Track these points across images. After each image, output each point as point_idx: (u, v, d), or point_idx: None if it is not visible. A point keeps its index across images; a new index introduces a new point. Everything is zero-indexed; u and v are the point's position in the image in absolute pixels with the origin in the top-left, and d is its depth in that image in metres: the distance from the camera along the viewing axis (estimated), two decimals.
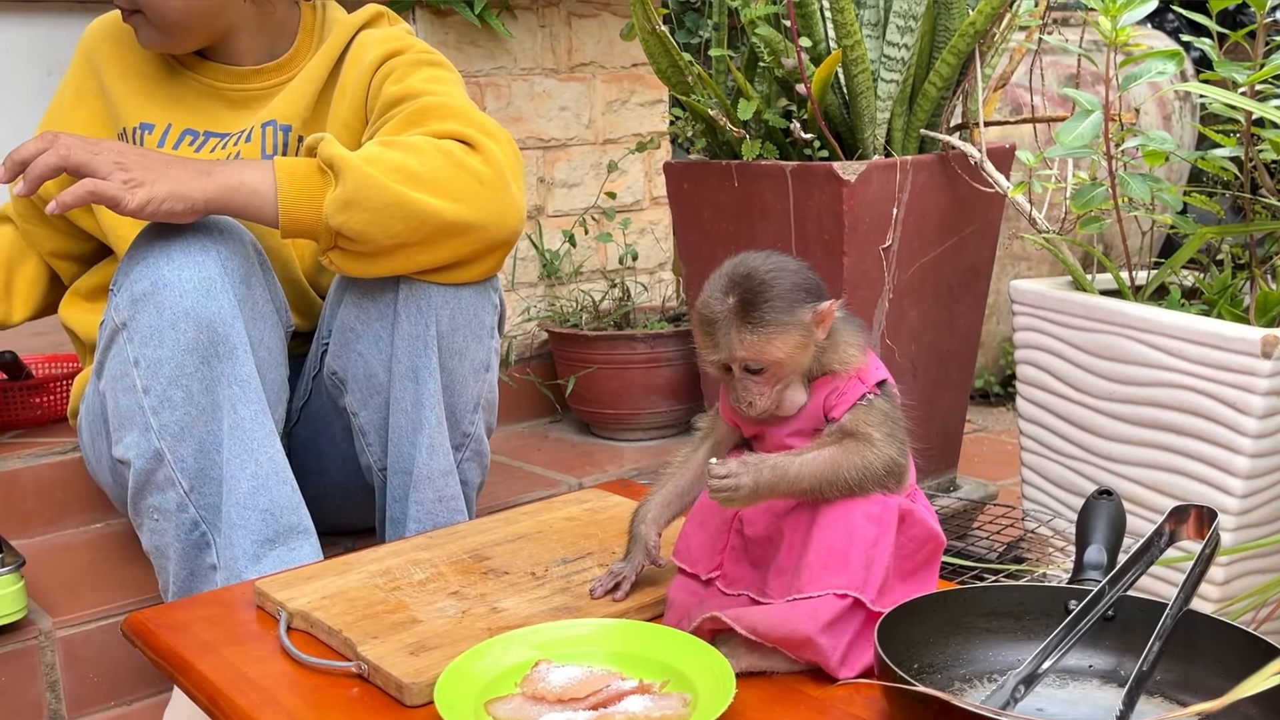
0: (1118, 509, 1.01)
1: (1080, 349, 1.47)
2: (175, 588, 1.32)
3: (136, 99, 1.50)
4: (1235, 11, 2.74)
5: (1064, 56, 2.46)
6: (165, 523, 1.29)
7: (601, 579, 1.12)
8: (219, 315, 1.25)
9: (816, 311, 0.95)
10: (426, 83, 1.41)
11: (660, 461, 2.02)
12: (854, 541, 0.93)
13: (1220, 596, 1.34)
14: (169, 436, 1.26)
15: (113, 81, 1.51)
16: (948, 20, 1.68)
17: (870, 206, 1.60)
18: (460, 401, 1.40)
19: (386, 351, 1.36)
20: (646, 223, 2.47)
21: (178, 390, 1.25)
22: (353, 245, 1.28)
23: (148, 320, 1.24)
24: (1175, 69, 1.38)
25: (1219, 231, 1.49)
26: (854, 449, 0.94)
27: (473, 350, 1.39)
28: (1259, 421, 1.27)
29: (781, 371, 0.96)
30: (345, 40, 1.50)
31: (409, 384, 1.35)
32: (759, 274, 0.95)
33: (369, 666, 0.98)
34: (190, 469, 1.27)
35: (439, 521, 1.38)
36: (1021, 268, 2.59)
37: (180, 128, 1.49)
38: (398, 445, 1.38)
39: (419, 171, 1.27)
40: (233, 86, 1.51)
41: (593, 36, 2.34)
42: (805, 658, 0.93)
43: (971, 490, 1.84)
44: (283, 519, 1.29)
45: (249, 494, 1.27)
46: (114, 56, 1.51)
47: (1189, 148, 2.66)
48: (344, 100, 1.47)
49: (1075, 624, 0.89)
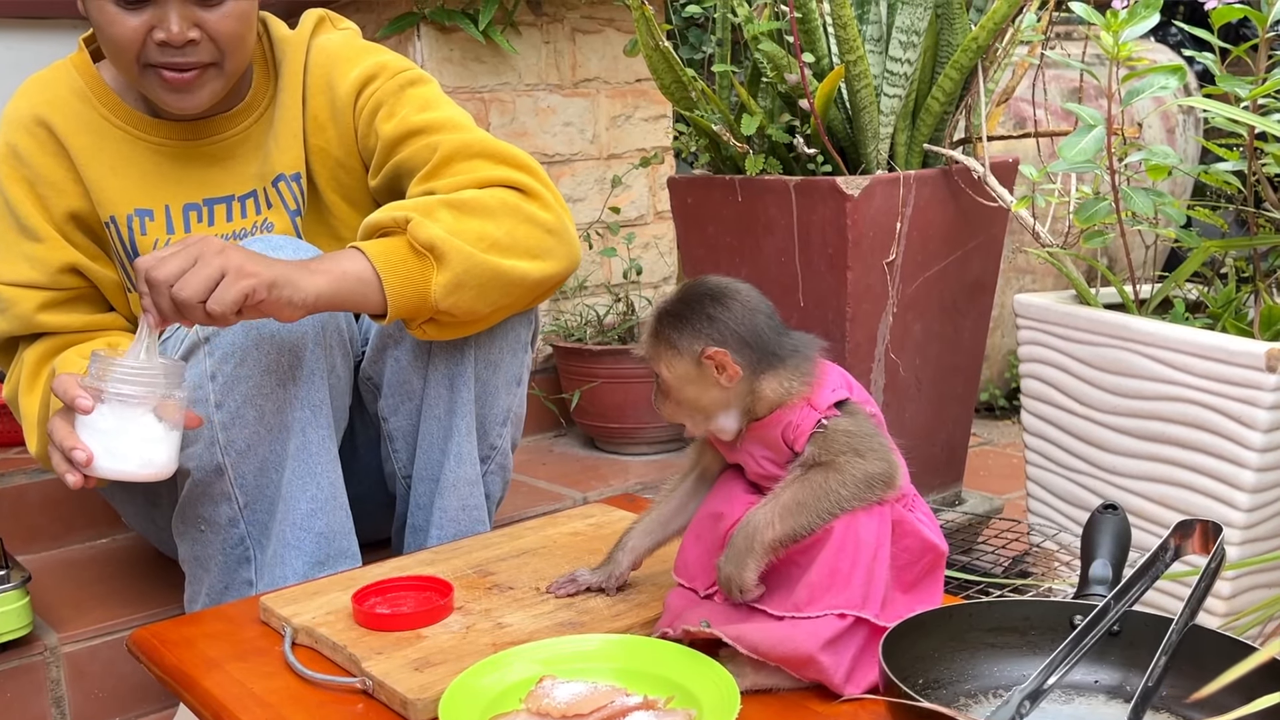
0: (1123, 523, 1.00)
1: (1085, 363, 1.47)
2: (207, 598, 1.32)
3: (117, 181, 1.37)
4: (1238, 26, 2.74)
5: (1068, 70, 2.47)
6: (212, 535, 1.30)
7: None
8: (302, 340, 1.26)
9: (706, 352, 0.95)
10: (422, 111, 1.39)
11: (665, 476, 2.02)
12: (853, 559, 0.93)
13: (1226, 611, 1.33)
14: (234, 453, 1.26)
15: (86, 164, 1.37)
16: (950, 35, 1.69)
17: (874, 221, 1.60)
18: (491, 413, 1.41)
19: (424, 359, 1.37)
20: (651, 237, 2.47)
21: (251, 409, 1.25)
22: (453, 319, 1.28)
23: (232, 337, 1.24)
24: (1178, 84, 1.39)
25: (1223, 245, 1.49)
26: (818, 481, 0.94)
27: (507, 363, 1.40)
28: (1264, 435, 1.27)
29: (679, 396, 0.98)
30: (303, 63, 1.42)
31: (444, 391, 1.36)
32: (697, 295, 0.97)
33: (374, 682, 0.98)
34: (249, 486, 1.28)
35: (461, 530, 1.39)
36: (1026, 281, 2.59)
37: (179, 206, 1.40)
38: (426, 452, 1.39)
39: (500, 238, 1.28)
40: (208, 141, 1.40)
41: (597, 52, 2.35)
42: (809, 676, 0.93)
43: (977, 504, 1.84)
44: (335, 543, 1.31)
45: (306, 516, 1.29)
46: (72, 134, 1.36)
47: (1193, 162, 2.66)
48: (324, 134, 1.42)
49: (1081, 639, 0.89)
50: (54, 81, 1.39)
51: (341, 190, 1.45)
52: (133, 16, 1.24)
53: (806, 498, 0.93)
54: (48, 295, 1.37)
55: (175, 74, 1.27)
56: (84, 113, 1.37)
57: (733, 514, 0.99)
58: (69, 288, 1.39)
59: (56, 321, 1.38)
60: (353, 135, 1.42)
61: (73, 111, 1.37)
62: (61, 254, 1.37)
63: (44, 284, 1.37)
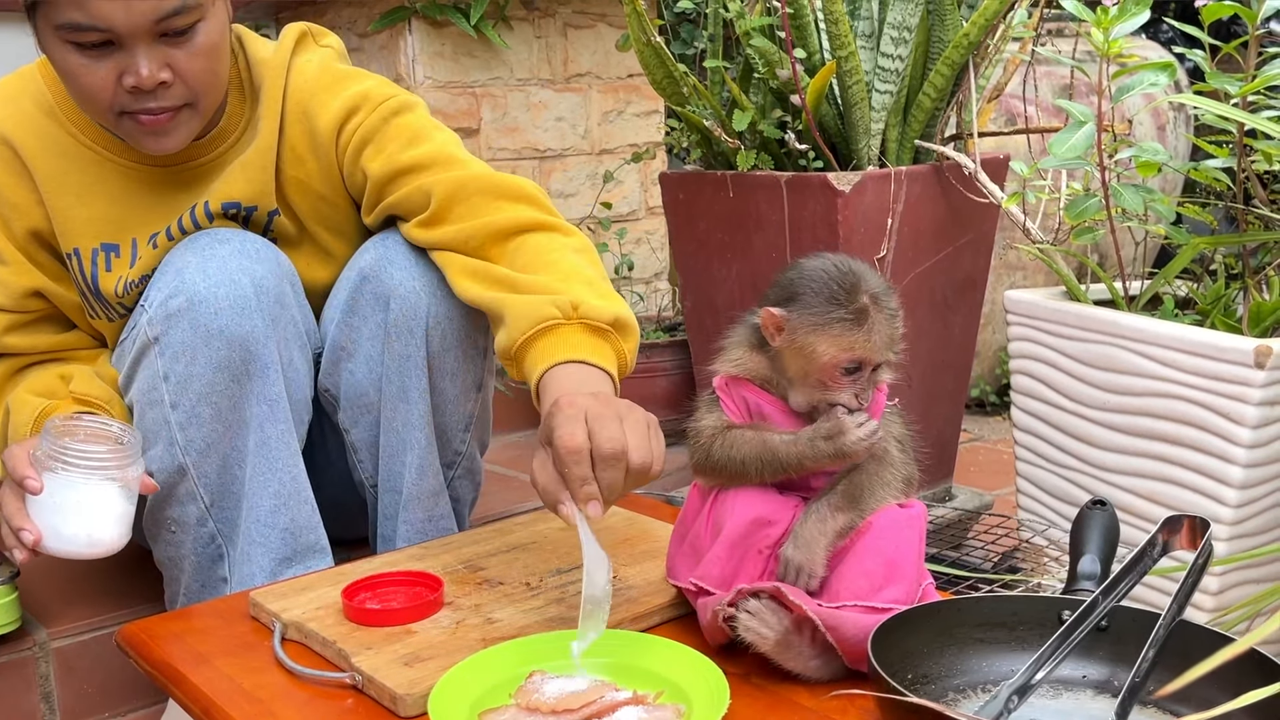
0: (1111, 519, 1.01)
1: (1075, 359, 1.48)
2: (185, 599, 1.32)
3: (83, 212, 1.32)
4: (1228, 23, 2.75)
5: (1059, 67, 2.47)
6: (183, 535, 1.30)
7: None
8: (252, 334, 1.24)
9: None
10: (410, 146, 1.34)
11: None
12: (904, 552, 0.96)
13: (1214, 606, 1.34)
14: (194, 452, 1.26)
15: (51, 191, 1.31)
16: (942, 32, 1.69)
17: (865, 217, 1.60)
18: (451, 421, 1.39)
19: (377, 371, 1.35)
20: (642, 233, 2.47)
21: (206, 407, 1.24)
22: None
23: (180, 336, 1.23)
24: (1168, 80, 1.39)
25: (1212, 242, 1.50)
26: (873, 471, 0.98)
27: (464, 371, 1.37)
28: (1252, 431, 1.27)
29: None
30: (282, 89, 1.35)
31: (399, 405, 1.34)
32: (874, 276, 0.99)
33: (363, 678, 0.98)
34: (213, 484, 1.27)
35: (429, 540, 1.38)
36: (1017, 277, 2.59)
37: (145, 238, 1.34)
38: (388, 465, 1.38)
39: (597, 279, 1.26)
40: (180, 167, 1.34)
41: (589, 47, 2.35)
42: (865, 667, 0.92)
43: (967, 500, 1.84)
44: (302, 538, 1.30)
45: (270, 512, 1.28)
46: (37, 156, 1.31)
47: (1184, 158, 2.67)
48: (303, 167, 1.36)
49: (1069, 634, 0.89)
50: (19, 95, 1.32)
51: (325, 223, 1.41)
52: (99, 65, 1.17)
53: (865, 485, 0.97)
54: (12, 318, 1.35)
55: (150, 117, 1.21)
56: (50, 131, 1.31)
57: (782, 519, 0.99)
58: (32, 310, 1.36)
59: (21, 344, 1.37)
60: (337, 172, 1.37)
61: (38, 129, 1.31)
62: (26, 278, 1.34)
63: (8, 307, 1.34)
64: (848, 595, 0.94)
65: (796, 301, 0.97)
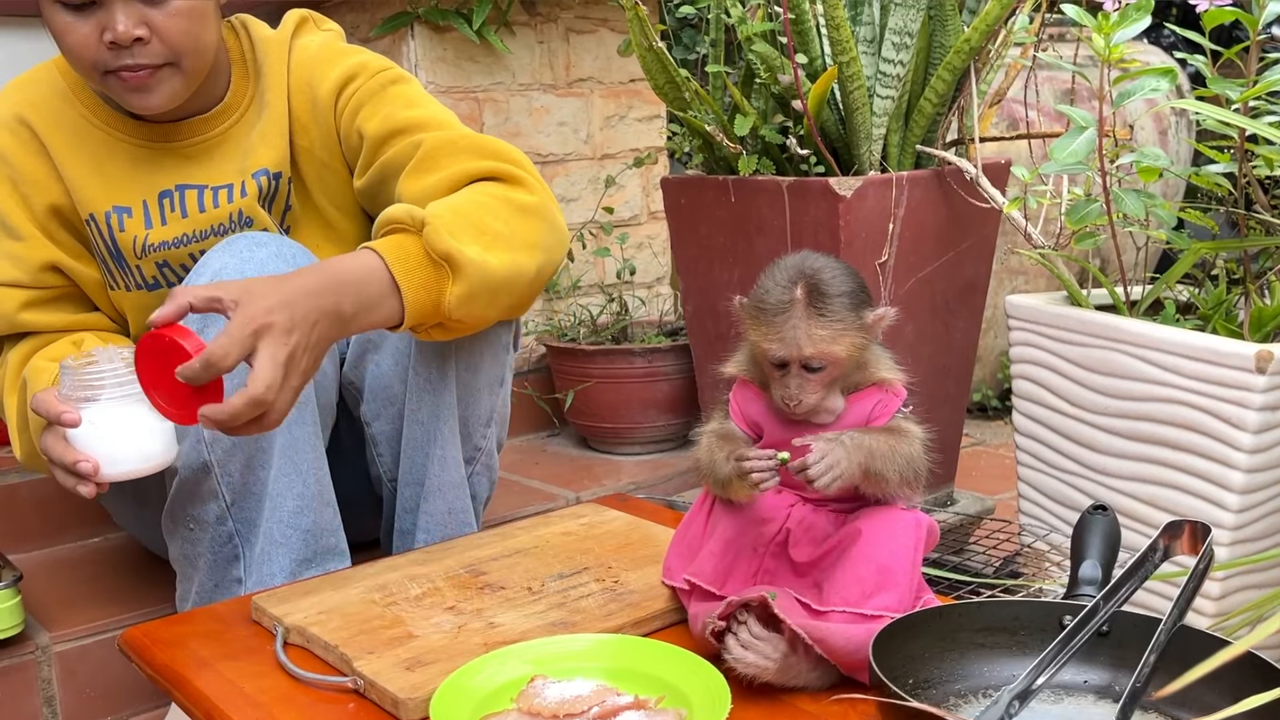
0: (1113, 524, 1.01)
1: (1076, 364, 1.48)
2: (198, 598, 1.32)
3: (96, 180, 1.37)
4: (1229, 28, 2.75)
5: (1060, 72, 2.48)
6: (201, 533, 1.30)
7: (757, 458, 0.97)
8: None
9: (875, 315, 0.96)
10: (404, 108, 1.38)
11: (658, 476, 2.03)
12: (898, 558, 0.95)
13: (1215, 611, 1.34)
14: (220, 449, 1.26)
15: (65, 162, 1.37)
16: (943, 37, 1.69)
17: (866, 222, 1.61)
18: (474, 415, 1.41)
19: (404, 364, 1.37)
20: (644, 237, 2.47)
21: None
22: (462, 326, 1.27)
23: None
24: (1169, 86, 1.39)
25: (1213, 247, 1.50)
26: (889, 440, 0.95)
27: (488, 365, 1.40)
28: (1253, 436, 1.27)
29: (837, 371, 0.97)
30: (285, 64, 1.42)
31: (425, 395, 1.36)
32: (827, 271, 0.96)
33: (365, 681, 0.98)
34: (235, 483, 1.28)
35: (448, 533, 1.39)
36: (1018, 282, 2.59)
37: (154, 196, 1.39)
38: (410, 457, 1.39)
39: (501, 230, 1.26)
40: (186, 143, 1.39)
41: (590, 52, 2.35)
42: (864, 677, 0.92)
43: (969, 504, 1.84)
44: (322, 540, 1.31)
45: (293, 513, 1.28)
46: (52, 132, 1.37)
47: (1186, 163, 2.67)
48: (308, 135, 1.42)
49: (1070, 639, 0.89)
50: (36, 82, 1.39)
51: (327, 193, 1.45)
52: (82, 22, 1.23)
53: (882, 446, 0.95)
54: (30, 294, 1.37)
55: (131, 74, 1.25)
56: (65, 112, 1.37)
57: (777, 518, 0.99)
58: (51, 286, 1.39)
59: (40, 320, 1.39)
60: (335, 137, 1.42)
61: (53, 110, 1.37)
62: (43, 252, 1.37)
63: (26, 283, 1.37)
64: (839, 601, 0.94)
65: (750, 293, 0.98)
